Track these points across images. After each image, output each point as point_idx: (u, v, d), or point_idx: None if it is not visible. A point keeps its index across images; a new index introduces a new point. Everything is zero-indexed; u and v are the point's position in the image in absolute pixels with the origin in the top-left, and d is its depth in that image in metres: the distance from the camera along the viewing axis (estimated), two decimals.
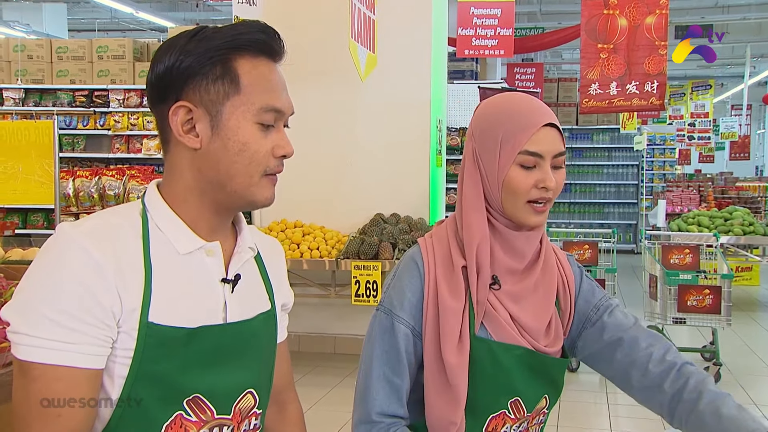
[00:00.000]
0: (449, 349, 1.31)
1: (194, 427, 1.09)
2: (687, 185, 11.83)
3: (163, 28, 14.26)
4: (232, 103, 1.09)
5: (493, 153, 1.33)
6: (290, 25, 5.36)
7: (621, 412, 4.62)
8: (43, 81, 8.04)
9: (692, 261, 5.24)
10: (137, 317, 1.04)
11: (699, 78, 18.78)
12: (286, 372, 1.38)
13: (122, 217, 1.10)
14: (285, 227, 5.29)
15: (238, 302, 1.16)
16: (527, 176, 1.32)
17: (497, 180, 1.33)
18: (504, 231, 1.36)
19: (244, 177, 1.11)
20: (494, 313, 1.35)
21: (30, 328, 0.99)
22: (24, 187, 3.71)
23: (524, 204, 1.32)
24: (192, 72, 1.09)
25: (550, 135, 1.33)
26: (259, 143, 1.11)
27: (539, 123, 1.32)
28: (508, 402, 1.37)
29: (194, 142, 1.10)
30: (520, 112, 1.33)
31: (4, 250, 3.03)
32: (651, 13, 6.05)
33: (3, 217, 6.78)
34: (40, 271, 1.02)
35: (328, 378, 4.93)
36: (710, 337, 5.47)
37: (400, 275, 1.39)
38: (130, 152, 8.00)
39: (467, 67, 9.69)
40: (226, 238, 1.19)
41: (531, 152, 1.31)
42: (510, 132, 1.32)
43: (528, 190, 1.32)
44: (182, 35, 1.11)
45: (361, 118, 5.44)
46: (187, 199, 1.13)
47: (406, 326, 1.35)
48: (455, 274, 1.35)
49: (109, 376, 1.05)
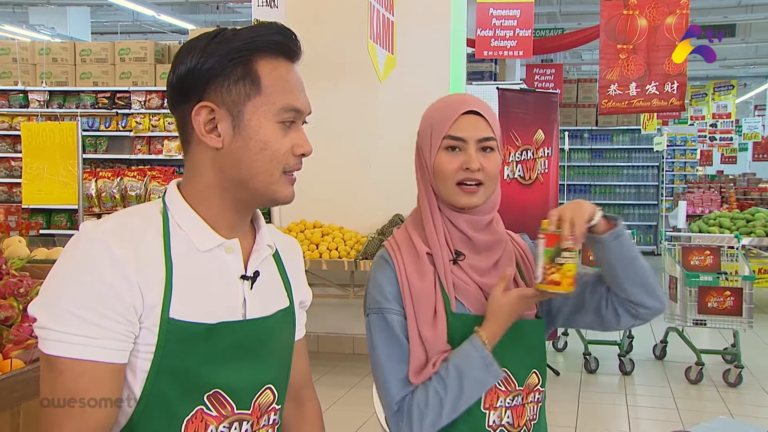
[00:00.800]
0: (425, 325, 1.42)
1: (214, 422, 1.11)
2: (708, 186, 11.72)
3: (184, 30, 14.37)
4: (254, 103, 1.12)
5: (427, 144, 1.49)
6: (310, 27, 5.40)
7: (641, 414, 4.59)
8: (67, 83, 8.15)
9: (713, 262, 5.19)
10: (158, 313, 1.06)
11: (721, 78, 18.55)
12: (304, 369, 1.40)
13: (143, 215, 1.13)
14: (304, 228, 5.32)
15: (258, 299, 1.18)
16: (452, 159, 1.45)
17: (430, 166, 1.48)
18: (449, 213, 1.49)
19: (266, 175, 1.14)
20: (464, 286, 1.46)
21: (56, 324, 1.02)
22: (48, 187, 3.77)
23: (454, 186, 1.45)
24: (214, 73, 1.11)
25: (472, 121, 1.46)
26: (279, 142, 1.14)
27: (460, 110, 1.46)
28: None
29: (216, 141, 1.12)
30: (445, 105, 1.50)
31: (29, 250, 3.08)
32: (671, 13, 6.00)
33: (27, 217, 6.89)
34: (64, 268, 1.06)
35: (347, 378, 4.96)
36: (731, 339, 5.41)
37: (374, 275, 1.51)
38: (151, 153, 8.08)
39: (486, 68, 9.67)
40: (245, 235, 1.21)
41: (453, 137, 1.45)
42: (436, 122, 1.48)
43: (454, 172, 1.45)
44: (202, 37, 1.14)
45: (380, 119, 5.46)
46: (208, 198, 1.15)
47: (397, 314, 1.45)
48: (420, 259, 1.47)
49: (132, 371, 1.07)
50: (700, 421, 3.87)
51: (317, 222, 5.41)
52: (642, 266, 1.46)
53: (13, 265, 2.46)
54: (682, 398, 4.82)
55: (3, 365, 1.87)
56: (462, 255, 1.47)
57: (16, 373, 1.83)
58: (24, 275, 2.38)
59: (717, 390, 4.99)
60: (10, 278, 2.28)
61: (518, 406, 1.48)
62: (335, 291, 5.39)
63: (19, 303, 2.19)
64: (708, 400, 4.85)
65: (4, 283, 2.24)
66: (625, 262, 1.44)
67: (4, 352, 1.96)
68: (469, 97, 1.52)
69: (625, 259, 1.44)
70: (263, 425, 1.19)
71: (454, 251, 1.47)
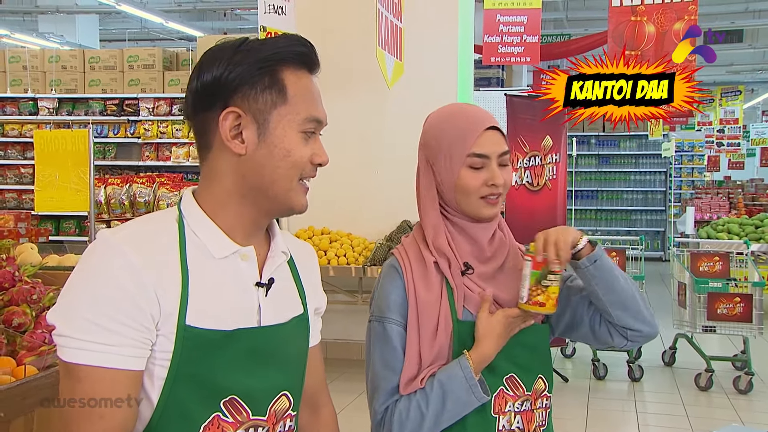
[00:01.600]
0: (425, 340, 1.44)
1: (231, 428, 1.12)
2: (716, 192, 11.68)
3: (192, 37, 14.44)
4: (279, 112, 1.14)
5: (445, 159, 1.48)
6: (318, 34, 5.41)
7: (650, 421, 4.58)
8: (76, 90, 8.20)
9: (722, 269, 5.17)
10: (175, 320, 1.07)
11: (728, 84, 18.52)
12: (319, 375, 1.40)
13: (159, 223, 1.14)
14: (312, 234, 5.34)
15: (272, 306, 1.19)
16: (476, 176, 1.46)
17: (451, 182, 1.47)
18: (462, 224, 1.50)
19: (285, 181, 1.15)
20: (472, 295, 1.47)
21: (74, 331, 1.04)
22: (60, 194, 3.79)
23: (477, 200, 1.46)
24: (241, 81, 1.13)
25: (493, 137, 1.47)
26: (301, 151, 1.16)
27: (482, 127, 1.46)
28: (504, 378, 1.47)
29: (240, 147, 1.14)
30: (462, 118, 1.48)
31: (41, 257, 3.10)
32: (679, 19, 6.00)
33: (37, 223, 6.93)
34: (82, 276, 1.07)
35: (356, 384, 4.95)
36: (741, 345, 5.39)
37: (382, 283, 1.52)
38: (159, 160, 8.12)
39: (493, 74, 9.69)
40: (260, 243, 1.22)
41: (478, 154, 1.45)
42: (456, 138, 1.47)
43: (479, 189, 1.45)
44: (227, 46, 1.15)
45: (388, 125, 5.47)
46: (225, 204, 1.16)
47: (398, 324, 1.46)
48: (428, 269, 1.48)
49: (149, 378, 1.08)
50: (711, 428, 3.86)
51: (325, 228, 5.42)
52: (623, 289, 1.47)
53: (26, 272, 2.48)
54: (691, 405, 4.80)
55: (17, 372, 1.88)
56: (471, 268, 1.48)
57: (29, 380, 1.84)
58: (36, 282, 2.40)
59: (727, 397, 4.97)
60: (23, 285, 2.30)
61: (527, 411, 1.49)
62: (343, 297, 5.39)
63: (32, 310, 2.21)
64: (718, 407, 4.83)
65: (17, 289, 2.26)
66: (605, 285, 1.46)
67: (18, 358, 1.98)
68: (479, 110, 1.52)
69: (605, 282, 1.46)
70: (279, 431, 1.19)
71: (464, 263, 1.48)
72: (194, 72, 1.17)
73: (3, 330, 2.05)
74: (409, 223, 5.28)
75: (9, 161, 8.38)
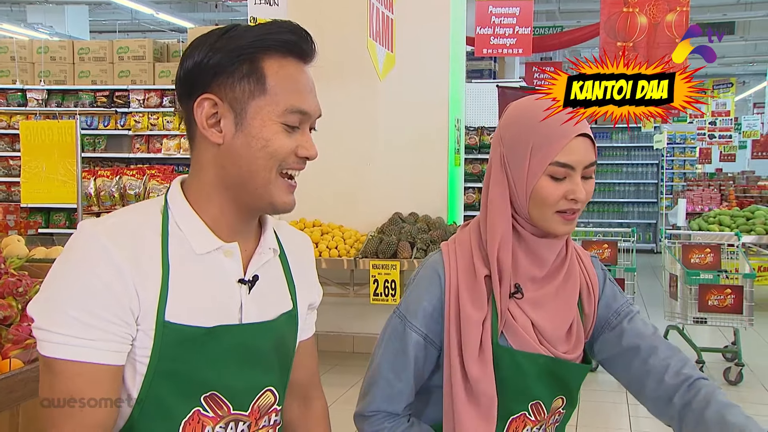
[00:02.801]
0: (471, 361, 1.30)
1: (211, 423, 1.11)
2: (708, 184, 11.72)
3: (183, 28, 14.37)
4: (257, 102, 1.10)
5: (523, 161, 1.30)
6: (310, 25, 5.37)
7: (641, 413, 4.59)
8: (65, 82, 8.14)
9: (713, 260, 5.18)
10: (154, 316, 1.05)
11: (720, 76, 18.57)
12: (312, 368, 1.39)
13: (143, 214, 1.12)
14: (304, 226, 5.32)
15: (255, 303, 1.16)
16: (557, 187, 1.29)
17: (525, 189, 1.30)
18: (528, 237, 1.34)
19: (264, 172, 1.11)
20: (513, 322, 1.33)
21: (52, 325, 1.02)
22: (47, 186, 3.76)
23: (552, 214, 1.30)
24: (219, 69, 1.09)
25: (583, 145, 1.30)
26: (282, 141, 1.11)
27: (573, 133, 1.28)
28: (529, 404, 1.37)
29: (217, 137, 1.11)
30: (553, 121, 1.27)
31: (28, 249, 3.07)
32: (671, 11, 6.00)
33: (26, 216, 6.87)
34: (61, 268, 1.05)
35: (347, 377, 4.95)
36: (732, 337, 5.41)
37: (419, 282, 1.38)
38: (150, 152, 8.08)
39: (485, 66, 9.67)
40: (248, 238, 1.19)
41: (562, 164, 1.28)
42: (542, 141, 1.28)
43: (557, 201, 1.29)
44: (214, 32, 1.12)
45: (380, 117, 5.45)
46: (210, 197, 1.14)
47: (418, 333, 1.35)
48: (477, 283, 1.33)
49: (130, 374, 1.07)
50: None
51: (317, 221, 5.40)
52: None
53: (12, 264, 2.45)
54: None
55: (2, 365, 1.86)
56: (520, 292, 1.33)
57: (15, 373, 1.82)
58: (23, 274, 2.37)
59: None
60: (8, 277, 2.27)
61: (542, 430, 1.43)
62: (335, 290, 5.38)
63: (18, 302, 2.18)
64: None
65: (3, 282, 2.23)
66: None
67: (3, 351, 1.95)
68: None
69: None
70: (263, 426, 1.18)
71: (514, 285, 1.34)
72: (181, 59, 1.15)
73: None
74: (400, 215, 5.27)
75: None
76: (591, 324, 1.45)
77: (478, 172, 7.91)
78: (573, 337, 1.40)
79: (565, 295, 1.38)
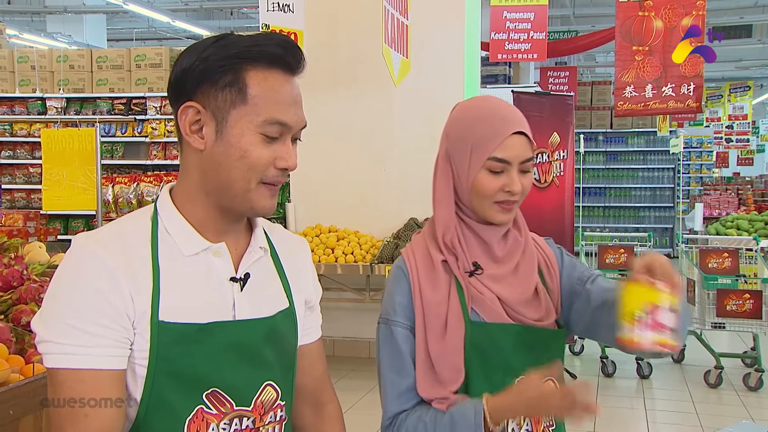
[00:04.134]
0: (433, 339, 1.39)
1: (215, 420, 1.13)
2: (725, 188, 11.63)
3: (199, 36, 14.44)
4: (238, 112, 1.13)
5: (464, 156, 1.42)
6: (325, 31, 5.42)
7: (659, 418, 4.56)
8: (84, 90, 8.22)
9: (731, 265, 5.14)
10: (148, 318, 1.09)
11: (737, 79, 18.41)
12: (321, 372, 1.40)
13: (133, 223, 1.17)
14: (320, 232, 5.34)
15: (248, 300, 1.19)
16: (494, 181, 1.40)
17: (467, 182, 1.42)
18: (473, 225, 1.45)
19: (242, 182, 1.14)
20: (480, 296, 1.42)
21: (52, 335, 1.06)
22: (68, 193, 3.80)
23: (491, 204, 1.41)
24: (203, 77, 1.13)
25: (518, 142, 1.40)
26: (260, 152, 1.13)
27: (509, 131, 1.39)
28: (515, 381, 1.40)
29: (199, 143, 1.14)
30: (491, 118, 1.41)
31: (49, 255, 3.11)
32: (687, 14, 5.97)
33: (45, 223, 6.95)
34: (58, 281, 1.09)
35: (363, 382, 4.96)
36: (751, 342, 5.36)
37: (388, 284, 1.48)
38: (166, 159, 8.13)
39: (500, 72, 9.66)
40: (237, 238, 1.22)
41: (499, 159, 1.39)
42: (480, 138, 1.40)
43: (494, 193, 1.40)
44: (206, 40, 1.16)
45: (395, 123, 5.47)
46: (195, 200, 1.17)
47: (403, 327, 1.43)
48: (435, 268, 1.44)
49: (132, 377, 1.10)
50: (720, 425, 3.83)
51: (332, 226, 5.42)
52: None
53: (34, 271, 2.49)
54: (701, 402, 4.78)
55: (25, 370, 1.89)
56: (480, 269, 1.43)
57: (38, 378, 1.85)
58: (44, 280, 2.41)
59: (737, 394, 4.94)
60: (31, 283, 2.31)
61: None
62: (351, 295, 5.39)
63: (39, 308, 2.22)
64: (728, 404, 4.81)
65: (26, 288, 2.26)
66: None
67: (26, 357, 1.98)
68: (511, 111, 1.45)
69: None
70: (269, 422, 1.20)
71: (473, 263, 1.44)
72: (173, 63, 1.19)
73: (12, 328, 2.06)
74: (416, 220, 5.27)
75: (18, 161, 8.41)
76: (558, 297, 1.52)
77: None
78: (542, 304, 1.47)
79: (524, 269, 1.47)
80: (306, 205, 5.54)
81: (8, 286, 2.27)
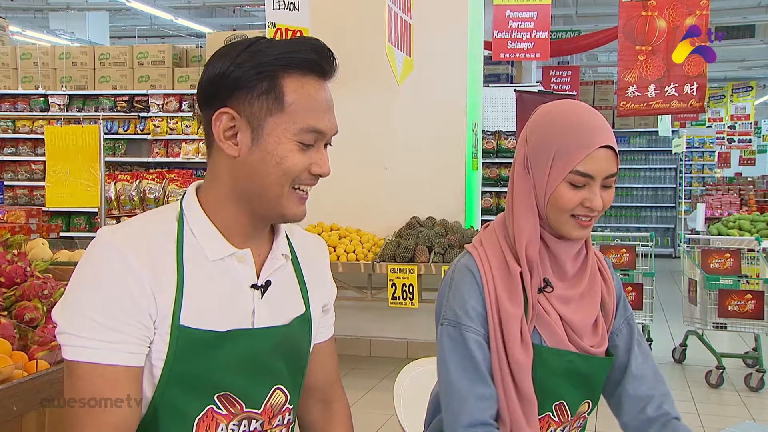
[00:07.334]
0: (517, 351, 1.31)
1: (224, 420, 1.14)
2: (727, 188, 11.61)
3: (201, 33, 14.47)
4: (274, 120, 1.12)
5: (545, 165, 1.33)
6: (328, 30, 5.41)
7: None
8: (86, 87, 8.23)
9: (733, 265, 5.14)
10: (169, 320, 1.09)
11: (739, 80, 18.38)
12: (331, 370, 1.40)
13: (159, 221, 1.15)
14: (321, 230, 5.34)
15: (268, 308, 1.19)
16: (575, 194, 1.31)
17: (545, 192, 1.33)
18: (547, 237, 1.37)
19: (276, 187, 1.13)
20: (546, 317, 1.35)
21: (74, 328, 1.06)
22: (71, 190, 3.80)
23: (568, 218, 1.33)
24: (239, 84, 1.11)
25: (605, 156, 1.31)
26: (296, 159, 1.13)
27: (596, 144, 1.30)
28: (553, 405, 1.38)
29: (233, 149, 1.13)
30: (578, 128, 1.31)
31: (51, 252, 3.12)
32: (691, 14, 5.96)
33: (48, 219, 6.96)
34: (82, 274, 1.09)
35: (364, 381, 4.96)
36: (753, 342, 5.35)
37: (456, 285, 1.38)
38: (169, 156, 8.14)
39: (503, 71, 9.66)
40: (261, 244, 1.22)
41: (582, 173, 1.30)
42: (564, 148, 1.31)
43: (573, 208, 1.32)
44: (238, 44, 1.14)
45: (398, 122, 5.46)
46: (223, 205, 1.16)
47: (477, 334, 1.34)
48: (513, 280, 1.35)
49: (146, 375, 1.11)
50: (722, 426, 3.83)
51: (334, 225, 5.42)
52: None
53: (37, 268, 2.49)
54: (702, 402, 4.78)
55: (29, 366, 1.89)
56: (550, 286, 1.36)
57: (41, 374, 1.85)
58: (48, 277, 2.41)
59: (738, 394, 4.94)
60: (34, 280, 2.31)
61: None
62: (353, 293, 5.39)
63: (43, 305, 2.22)
64: (729, 404, 4.80)
65: (29, 285, 2.27)
66: None
67: (30, 353, 1.99)
68: (600, 121, 1.34)
69: None
70: (276, 425, 1.21)
71: (543, 279, 1.36)
72: (204, 66, 1.17)
73: (15, 325, 2.06)
74: (418, 219, 5.27)
75: (20, 157, 8.42)
76: (610, 323, 1.47)
77: (495, 176, 7.90)
78: (599, 332, 1.42)
79: (591, 293, 1.41)
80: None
81: (11, 283, 2.27)
